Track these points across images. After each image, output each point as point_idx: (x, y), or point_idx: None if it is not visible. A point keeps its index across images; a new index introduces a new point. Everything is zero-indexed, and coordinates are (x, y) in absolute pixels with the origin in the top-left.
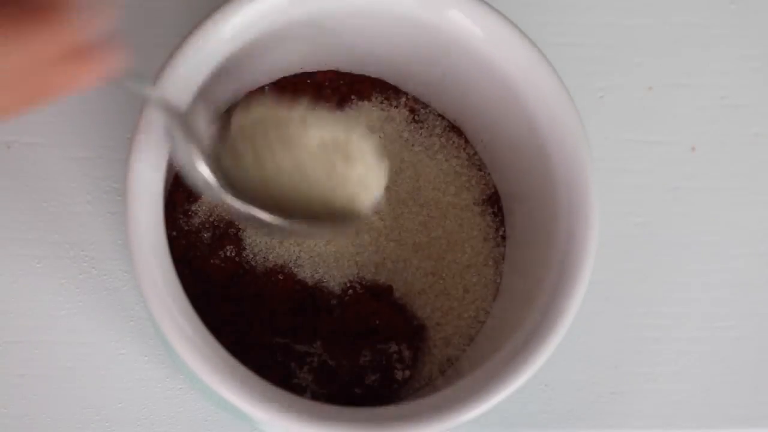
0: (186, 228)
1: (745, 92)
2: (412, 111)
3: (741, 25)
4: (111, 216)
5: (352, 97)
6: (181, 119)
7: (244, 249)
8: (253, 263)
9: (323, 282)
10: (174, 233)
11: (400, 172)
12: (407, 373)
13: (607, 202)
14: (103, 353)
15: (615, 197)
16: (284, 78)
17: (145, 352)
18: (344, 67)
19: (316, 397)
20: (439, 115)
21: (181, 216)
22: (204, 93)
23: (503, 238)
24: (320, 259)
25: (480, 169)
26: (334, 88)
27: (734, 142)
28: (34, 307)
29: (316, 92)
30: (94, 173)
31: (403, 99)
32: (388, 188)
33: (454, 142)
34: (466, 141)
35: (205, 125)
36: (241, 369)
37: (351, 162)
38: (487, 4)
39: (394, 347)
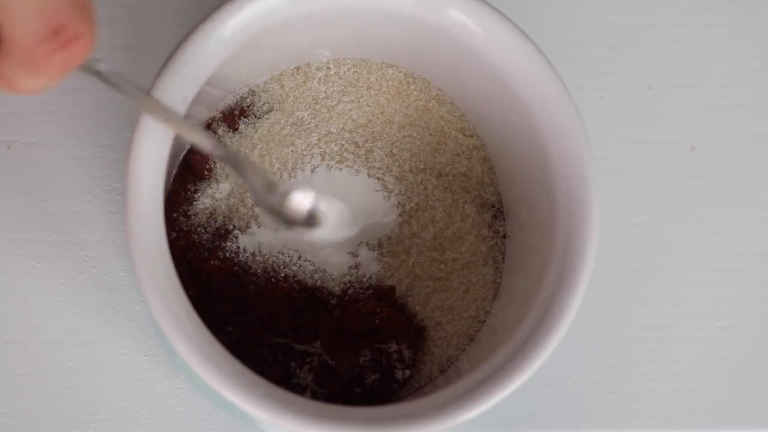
0: (186, 228)
1: (745, 92)
2: None
3: (741, 25)
4: (111, 216)
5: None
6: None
7: (244, 249)
8: (252, 263)
9: (323, 282)
10: (174, 234)
11: None
12: (407, 372)
13: (607, 202)
14: (103, 353)
15: (615, 197)
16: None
17: (145, 352)
18: None
19: (316, 396)
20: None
21: (181, 216)
22: (204, 92)
23: (503, 238)
24: (320, 259)
25: (480, 169)
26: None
27: (734, 141)
28: (34, 307)
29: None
30: (94, 173)
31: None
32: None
33: None
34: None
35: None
36: (241, 369)
37: None
38: (487, 3)
39: (394, 347)
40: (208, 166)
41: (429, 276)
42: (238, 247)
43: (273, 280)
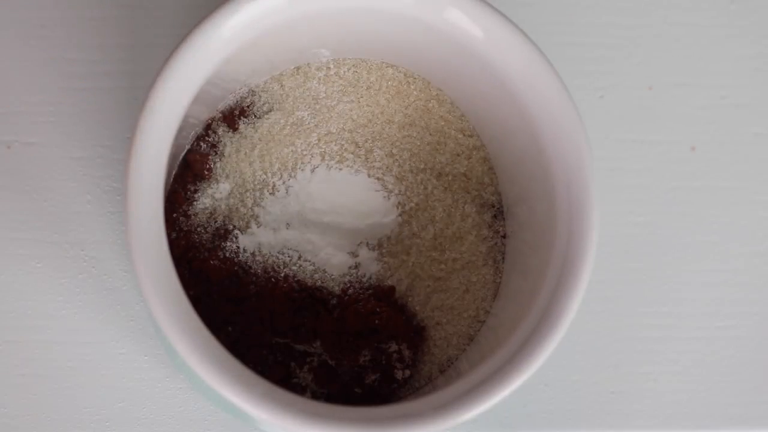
0: (186, 228)
1: (745, 92)
2: None
3: (741, 25)
4: (111, 216)
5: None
6: None
7: (244, 249)
8: (252, 263)
9: (323, 282)
10: (174, 234)
11: None
12: (407, 372)
13: (607, 202)
14: (103, 353)
15: (615, 197)
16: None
17: (145, 352)
18: None
19: (316, 396)
20: None
21: (181, 216)
22: (204, 92)
23: (503, 238)
24: (320, 259)
25: (480, 169)
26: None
27: (734, 141)
28: (34, 307)
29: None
30: (94, 173)
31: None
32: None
33: None
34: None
35: None
36: (241, 369)
37: None
38: (487, 3)
39: (394, 347)
40: (208, 166)
41: (429, 276)
42: (238, 247)
43: (273, 280)
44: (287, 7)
